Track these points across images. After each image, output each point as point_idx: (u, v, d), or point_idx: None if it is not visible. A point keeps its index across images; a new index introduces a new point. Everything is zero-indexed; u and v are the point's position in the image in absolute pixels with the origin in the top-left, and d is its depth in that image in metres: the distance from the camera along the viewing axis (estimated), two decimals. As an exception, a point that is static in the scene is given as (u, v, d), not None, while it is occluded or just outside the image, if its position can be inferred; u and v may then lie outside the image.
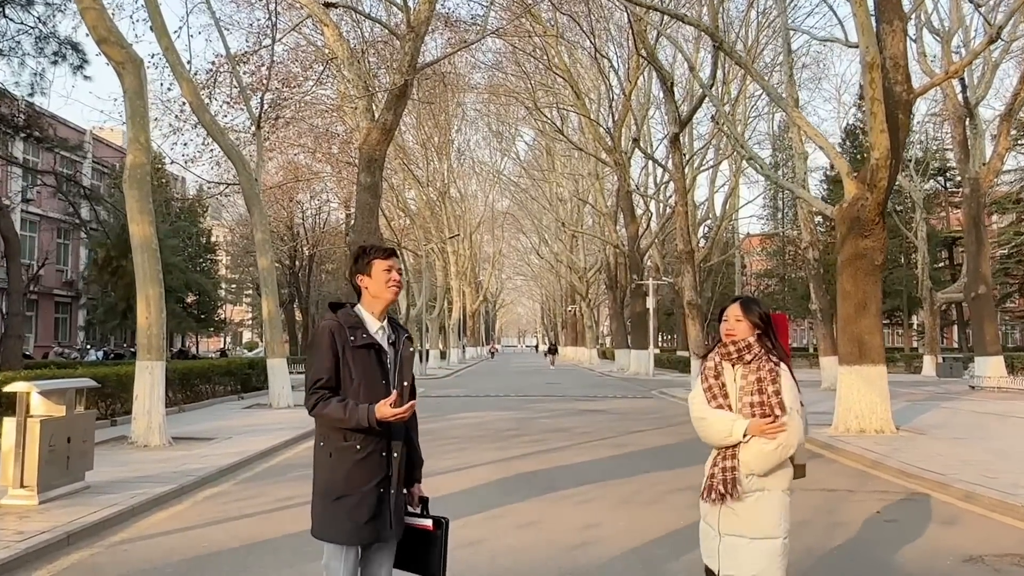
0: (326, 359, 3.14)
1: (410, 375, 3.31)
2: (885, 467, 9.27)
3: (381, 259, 3.28)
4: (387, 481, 3.16)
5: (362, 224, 25.92)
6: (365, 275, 3.29)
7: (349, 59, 26.23)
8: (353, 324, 3.21)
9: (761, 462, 3.19)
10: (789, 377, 3.26)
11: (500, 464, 9.75)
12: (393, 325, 3.36)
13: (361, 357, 3.16)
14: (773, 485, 3.24)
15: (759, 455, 3.18)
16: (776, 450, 3.16)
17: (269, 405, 17.21)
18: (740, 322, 3.36)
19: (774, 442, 3.16)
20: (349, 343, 3.15)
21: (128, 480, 8.18)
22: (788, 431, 3.16)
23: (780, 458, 3.19)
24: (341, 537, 3.12)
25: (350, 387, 3.14)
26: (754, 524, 3.23)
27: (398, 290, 3.31)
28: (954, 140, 25.96)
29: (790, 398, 3.20)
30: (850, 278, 12.49)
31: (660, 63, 23.41)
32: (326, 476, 3.16)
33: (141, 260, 11.23)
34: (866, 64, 11.56)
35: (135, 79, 11.48)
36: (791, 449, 3.19)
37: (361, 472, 3.11)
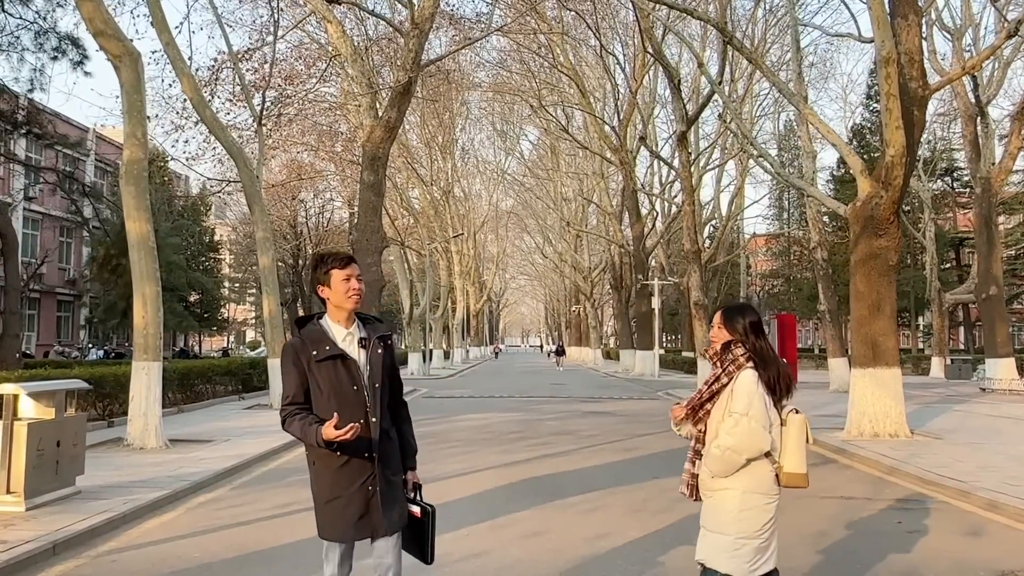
0: (291, 377, 3.25)
1: (383, 375, 3.35)
2: (902, 473, 8.97)
3: (339, 268, 3.31)
4: (374, 480, 3.25)
5: (365, 223, 25.66)
6: (325, 285, 3.32)
7: (353, 56, 26.00)
8: (316, 338, 3.27)
9: (713, 463, 3.38)
10: (746, 383, 3.34)
11: (505, 468, 9.47)
12: (367, 325, 3.41)
13: (327, 370, 3.23)
14: (734, 485, 3.37)
15: (708, 456, 3.40)
16: (723, 454, 3.30)
17: (270, 406, 16.93)
18: (721, 330, 3.55)
19: (720, 446, 3.32)
20: (313, 358, 3.23)
21: (121, 485, 7.92)
22: (734, 436, 3.28)
23: (730, 461, 3.31)
24: (339, 536, 3.28)
25: (320, 398, 3.24)
26: (712, 517, 3.45)
27: (358, 299, 3.34)
28: (965, 139, 25.63)
29: (738, 405, 3.30)
30: (864, 278, 12.19)
31: (667, 60, 23.12)
32: (316, 482, 3.32)
33: (138, 258, 10.98)
34: (882, 59, 11.27)
35: (132, 73, 11.22)
36: (741, 453, 3.29)
37: (346, 476, 3.23)
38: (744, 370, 3.38)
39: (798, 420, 3.48)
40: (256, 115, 19.15)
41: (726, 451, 3.31)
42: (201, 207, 50.07)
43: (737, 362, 3.42)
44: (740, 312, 3.58)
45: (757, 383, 3.37)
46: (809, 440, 3.52)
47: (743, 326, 3.51)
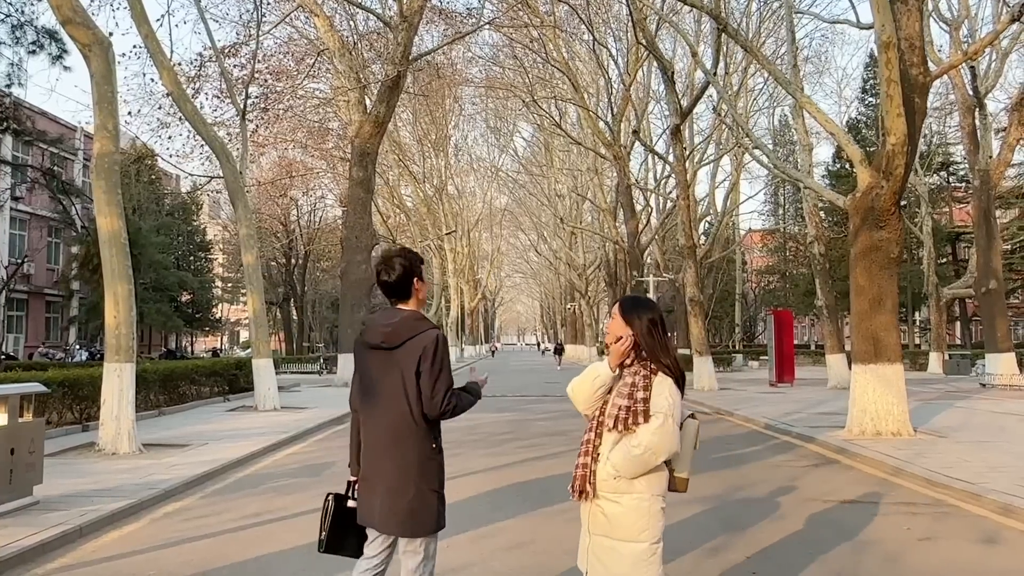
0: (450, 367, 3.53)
1: None
2: (908, 475, 8.57)
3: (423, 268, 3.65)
4: None
5: (354, 219, 25.30)
6: (423, 283, 3.61)
7: (340, 51, 25.57)
8: None
9: (627, 464, 3.17)
10: (666, 383, 3.23)
11: (492, 473, 9.05)
12: None
13: None
14: (642, 489, 3.21)
15: (626, 457, 3.17)
16: (643, 454, 3.14)
17: (255, 408, 16.51)
18: (613, 319, 3.41)
19: (640, 446, 3.14)
20: None
21: (83, 494, 7.48)
22: (658, 436, 3.13)
23: (647, 462, 3.16)
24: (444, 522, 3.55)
25: None
26: (619, 526, 3.21)
27: None
28: (963, 131, 25.22)
29: (662, 404, 3.18)
30: (864, 272, 11.78)
31: (660, 52, 22.69)
32: (439, 473, 3.53)
33: (109, 255, 10.53)
34: (882, 43, 10.85)
35: (103, 62, 10.76)
36: (659, 455, 3.16)
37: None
38: (660, 373, 3.26)
39: (693, 425, 3.42)
40: (239, 109, 18.66)
41: (646, 451, 3.14)
42: (192, 206, 49.58)
43: (666, 361, 3.29)
44: (642, 305, 3.40)
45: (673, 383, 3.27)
46: (696, 446, 3.43)
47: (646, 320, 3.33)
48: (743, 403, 17.77)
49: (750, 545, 5.86)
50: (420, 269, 3.59)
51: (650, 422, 3.17)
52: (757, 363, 40.20)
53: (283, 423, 13.76)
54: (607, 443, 3.26)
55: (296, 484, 8.46)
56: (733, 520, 6.68)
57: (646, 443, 3.14)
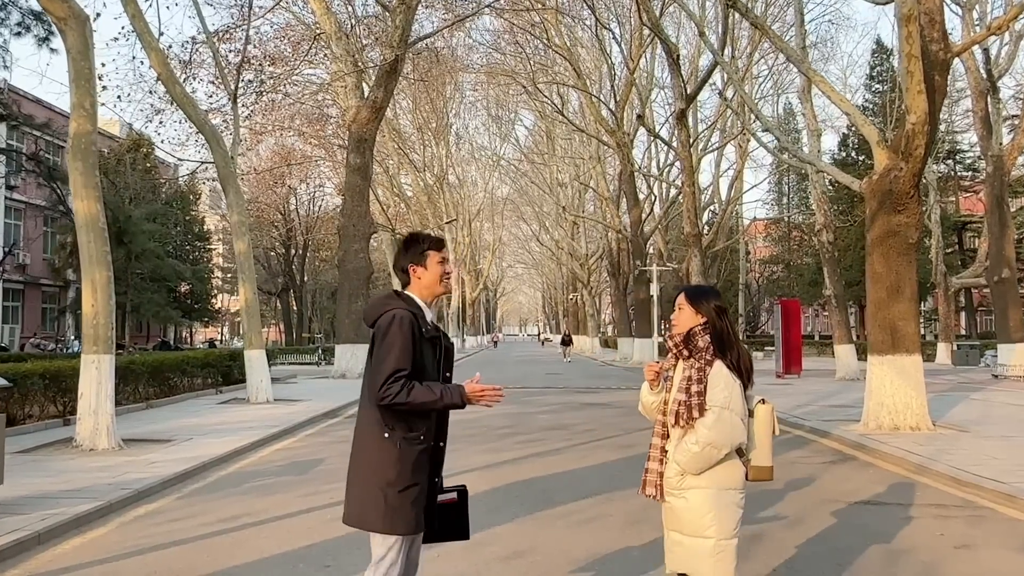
0: (408, 349, 3.08)
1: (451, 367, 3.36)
2: (933, 473, 8.03)
3: (435, 251, 3.29)
4: (438, 470, 3.25)
5: (352, 207, 24.71)
6: (420, 266, 3.27)
7: (337, 34, 24.96)
8: (421, 315, 3.20)
9: (688, 461, 3.15)
10: (723, 374, 3.17)
11: (490, 471, 8.53)
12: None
13: (427, 348, 3.18)
14: (706, 483, 3.17)
15: (686, 454, 3.15)
16: (703, 450, 3.10)
17: (247, 400, 15.99)
18: (681, 311, 3.32)
19: (698, 443, 3.11)
20: (422, 333, 3.15)
21: (49, 495, 6.95)
22: (715, 430, 3.10)
23: (708, 458, 3.12)
24: (410, 527, 3.11)
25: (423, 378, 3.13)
26: (686, 522, 3.20)
27: (450, 284, 3.33)
28: (975, 116, 24.60)
29: (718, 397, 3.13)
30: (881, 258, 11.22)
31: (665, 34, 22.08)
32: (394, 467, 3.09)
33: (87, 240, 9.97)
34: (902, 17, 10.26)
35: (80, 37, 10.19)
36: (720, 448, 3.11)
37: (424, 461, 3.15)
38: (716, 361, 3.20)
39: (767, 410, 3.29)
40: (231, 93, 18.08)
41: (706, 447, 3.11)
42: (190, 195, 49.00)
43: (704, 352, 3.23)
44: (707, 293, 3.38)
45: (731, 372, 3.20)
46: (776, 432, 3.34)
47: (710, 308, 3.30)
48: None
49: (772, 554, 5.33)
50: (419, 252, 3.30)
51: (705, 416, 3.14)
52: (761, 354, 39.63)
53: (274, 416, 13.24)
54: (674, 439, 3.26)
55: (280, 483, 7.94)
56: (751, 524, 6.14)
57: (704, 438, 3.12)
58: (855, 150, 48.75)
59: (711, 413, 3.12)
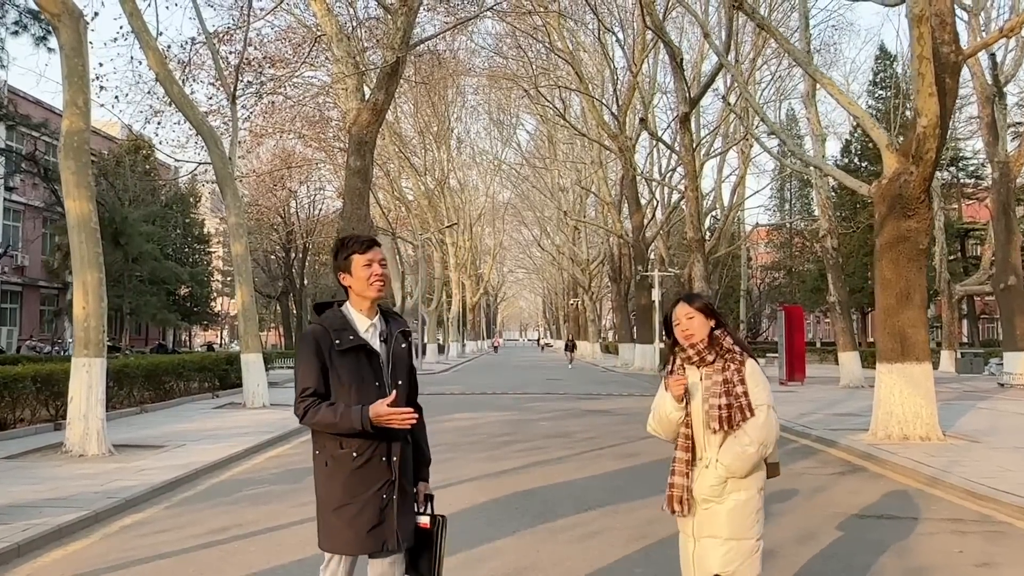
0: (312, 367, 2.98)
1: (406, 372, 3.15)
2: (946, 485, 7.78)
3: (360, 253, 3.09)
4: (390, 486, 3.00)
5: (351, 211, 24.34)
6: (346, 272, 3.10)
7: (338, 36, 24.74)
8: (339, 326, 3.04)
9: (741, 464, 3.11)
10: (757, 371, 3.18)
11: (489, 480, 8.28)
12: (388, 318, 3.19)
13: (349, 361, 2.99)
14: (750, 486, 3.17)
15: (739, 457, 3.10)
16: (758, 450, 3.09)
17: (243, 405, 15.76)
18: (693, 319, 3.24)
19: (753, 443, 3.08)
20: (335, 347, 2.98)
21: (33, 504, 6.72)
22: (766, 429, 3.10)
23: (759, 457, 3.13)
24: (344, 547, 3.00)
25: (341, 392, 2.98)
26: (731, 526, 3.16)
27: (382, 286, 3.09)
28: (981, 122, 24.36)
29: (762, 395, 3.13)
30: (891, 264, 10.98)
31: (668, 37, 21.89)
32: (324, 486, 3.02)
33: (78, 241, 9.76)
34: (914, 18, 10.04)
35: (73, 33, 9.99)
36: (769, 447, 3.13)
37: (361, 479, 2.97)
38: (748, 359, 3.19)
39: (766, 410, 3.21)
40: (230, 93, 17.88)
41: (760, 447, 3.10)
42: (190, 198, 48.80)
43: (733, 352, 3.20)
44: (698, 296, 3.37)
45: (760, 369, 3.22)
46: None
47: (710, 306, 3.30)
48: (754, 403, 16.97)
49: (784, 571, 5.09)
50: (344, 259, 3.10)
51: (756, 416, 3.12)
52: (764, 360, 39.38)
53: (270, 422, 13.00)
54: (711, 446, 3.18)
55: (272, 493, 7.70)
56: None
57: (759, 438, 3.10)
58: (858, 156, 48.58)
59: (761, 411, 3.12)
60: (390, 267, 39.26)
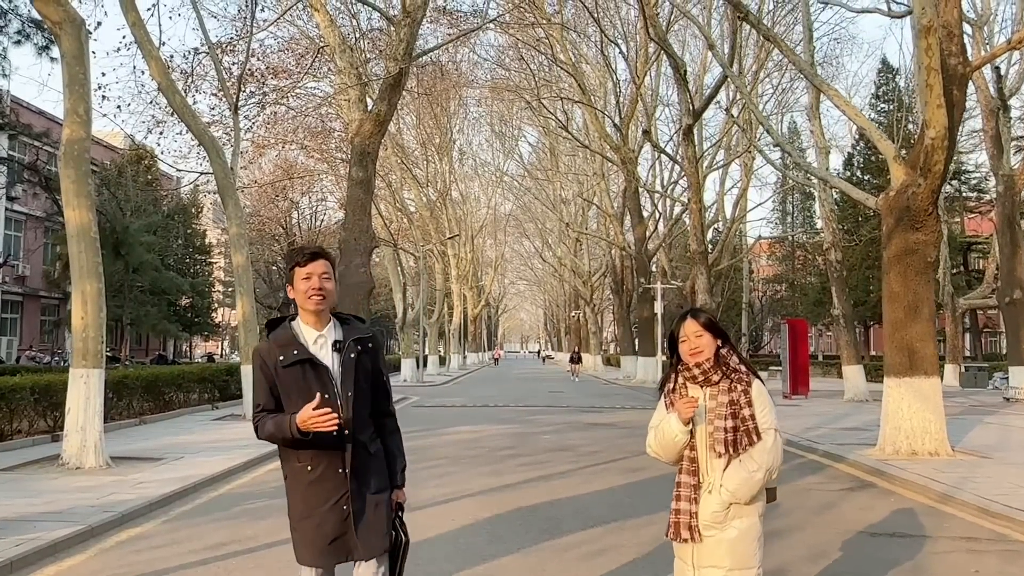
0: (260, 384, 3.02)
1: (362, 381, 3.03)
2: (958, 502, 7.64)
3: (300, 266, 3.03)
4: (347, 497, 2.95)
5: (353, 221, 24.28)
6: (290, 285, 3.06)
7: (341, 47, 24.75)
8: (284, 341, 3.00)
9: (748, 489, 3.01)
10: (764, 392, 3.08)
11: (492, 495, 8.14)
12: (346, 326, 3.09)
13: (294, 376, 2.96)
14: (752, 512, 3.07)
15: (746, 482, 3.00)
16: (764, 476, 3.00)
17: (243, 416, 15.61)
18: (701, 336, 3.11)
19: (761, 468, 2.98)
20: (279, 363, 2.96)
21: (28, 518, 6.58)
22: (773, 453, 3.02)
23: (765, 483, 3.03)
24: (310, 559, 3.01)
25: (290, 406, 2.94)
26: (733, 555, 3.05)
27: (321, 300, 3.00)
28: (985, 135, 24.29)
29: (769, 419, 3.04)
30: (899, 277, 10.87)
31: (672, 49, 21.84)
32: (289, 499, 3.05)
33: (77, 250, 9.66)
34: (921, 29, 9.96)
35: (74, 42, 9.92)
36: (775, 471, 3.04)
37: (316, 492, 2.96)
38: (754, 380, 3.09)
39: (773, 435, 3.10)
40: (232, 103, 17.83)
41: (767, 472, 3.00)
42: (192, 208, 48.78)
43: (739, 372, 3.10)
44: (704, 311, 3.23)
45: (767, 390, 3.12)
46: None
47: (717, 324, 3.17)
48: (759, 416, 16.81)
49: (796, 593, 4.95)
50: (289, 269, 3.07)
51: (764, 440, 3.02)
52: (766, 374, 39.18)
53: (270, 434, 12.85)
54: (715, 470, 3.07)
55: (272, 507, 7.54)
56: (769, 556, 5.75)
57: (766, 463, 3.01)
58: (860, 169, 48.53)
59: (768, 435, 3.03)
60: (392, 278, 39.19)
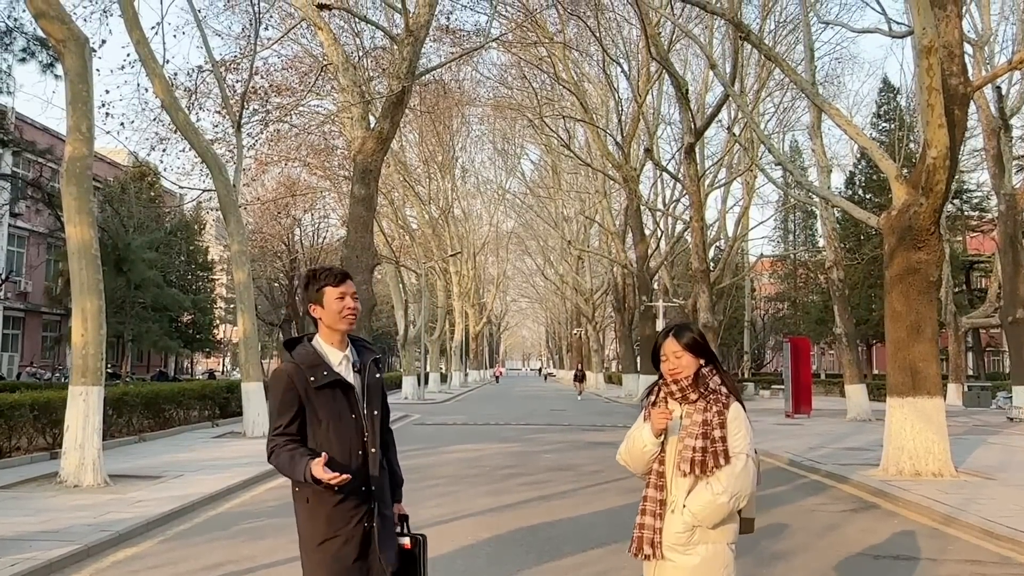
0: (285, 406, 2.97)
1: (379, 402, 3.14)
2: (963, 524, 7.57)
3: (332, 286, 3.06)
4: (370, 515, 2.99)
5: (355, 239, 24.29)
6: (317, 304, 3.07)
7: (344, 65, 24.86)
8: (312, 362, 3.00)
9: (711, 513, 2.92)
10: (742, 416, 2.99)
11: (493, 515, 8.07)
12: (359, 348, 3.16)
13: (326, 397, 2.97)
14: (720, 539, 2.97)
15: (709, 505, 2.91)
16: (729, 501, 2.90)
17: (243, 434, 15.57)
18: (681, 358, 3.03)
19: (726, 492, 2.89)
20: (310, 385, 2.95)
21: (24, 537, 6.53)
22: (742, 479, 2.91)
23: (731, 509, 2.93)
24: None
25: (319, 429, 2.97)
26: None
27: (354, 319, 3.07)
28: (987, 154, 24.33)
29: (742, 443, 2.95)
30: (901, 296, 10.83)
31: (673, 68, 21.93)
32: (307, 522, 2.98)
33: (78, 267, 9.65)
34: (922, 49, 9.97)
35: (78, 60, 9.96)
36: (743, 499, 2.94)
37: (342, 512, 2.94)
38: (733, 402, 3.00)
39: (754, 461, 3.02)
40: (235, 120, 17.89)
41: (732, 497, 2.90)
42: (195, 225, 48.89)
43: (718, 393, 3.01)
44: (689, 328, 3.12)
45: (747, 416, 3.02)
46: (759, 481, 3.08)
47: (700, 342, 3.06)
48: (762, 436, 16.70)
49: (799, 617, 4.89)
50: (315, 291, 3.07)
51: (732, 464, 2.92)
52: (768, 392, 39.09)
53: (270, 452, 12.79)
54: (679, 489, 2.99)
55: (271, 526, 7.49)
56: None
57: (732, 488, 2.90)
58: (862, 188, 48.58)
59: (738, 460, 2.92)
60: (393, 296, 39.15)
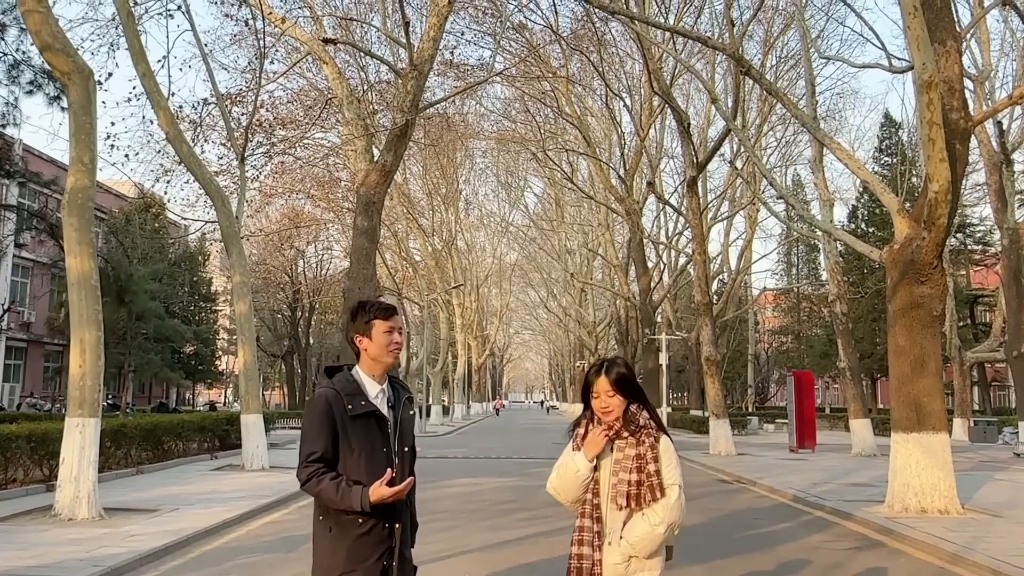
0: (322, 431, 2.97)
1: (411, 439, 3.21)
2: (970, 563, 7.43)
3: (382, 319, 3.12)
4: (390, 553, 3.00)
5: (358, 271, 24.33)
6: (365, 336, 3.12)
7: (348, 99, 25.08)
8: (351, 391, 3.04)
9: (648, 543, 2.96)
10: (671, 449, 3.07)
11: (491, 551, 7.95)
12: (394, 385, 3.20)
13: (360, 426, 3.00)
14: (654, 567, 3.01)
15: (647, 536, 2.95)
16: (666, 531, 2.96)
17: (242, 467, 15.44)
18: (612, 397, 3.06)
19: (663, 523, 2.94)
20: (347, 412, 2.98)
21: (13, 573, 6.43)
22: (677, 509, 2.98)
23: (666, 539, 3.00)
24: None
25: (350, 458, 2.98)
26: None
27: (398, 353, 3.16)
28: (989, 188, 24.36)
29: (674, 475, 3.02)
30: (904, 331, 10.76)
31: (676, 102, 22.07)
32: (328, 552, 2.97)
33: (78, 299, 9.64)
34: (922, 84, 10.01)
35: (83, 92, 10.03)
36: (677, 528, 3.00)
37: (364, 546, 2.95)
38: (662, 436, 3.06)
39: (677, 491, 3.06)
40: (239, 153, 17.99)
41: (668, 528, 2.96)
42: (198, 256, 49.02)
43: (648, 428, 3.05)
44: (617, 364, 3.12)
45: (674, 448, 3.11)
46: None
47: (629, 380, 3.08)
48: (765, 471, 16.56)
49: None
50: (364, 322, 3.12)
51: (668, 495, 2.98)
52: (772, 426, 38.79)
53: (268, 485, 12.67)
54: (615, 521, 3.01)
55: (266, 562, 7.38)
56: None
57: (669, 519, 2.96)
58: (865, 222, 48.66)
59: (672, 491, 2.99)
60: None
